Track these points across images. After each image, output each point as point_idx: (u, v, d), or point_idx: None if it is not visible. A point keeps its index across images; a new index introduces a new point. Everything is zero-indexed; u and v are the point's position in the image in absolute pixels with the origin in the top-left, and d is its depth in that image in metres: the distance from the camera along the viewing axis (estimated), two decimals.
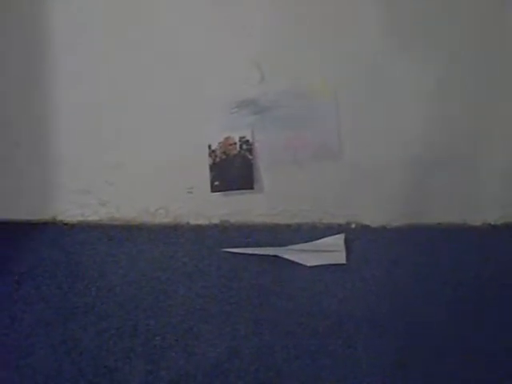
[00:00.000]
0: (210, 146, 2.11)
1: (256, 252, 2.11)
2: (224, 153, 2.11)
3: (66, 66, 2.04)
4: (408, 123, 2.08)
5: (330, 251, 2.11)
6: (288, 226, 2.24)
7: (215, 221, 2.26)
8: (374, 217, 2.23)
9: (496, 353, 1.77)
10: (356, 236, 2.19)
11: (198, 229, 2.25)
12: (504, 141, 2.12)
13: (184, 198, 2.21)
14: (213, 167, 2.13)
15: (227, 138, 2.10)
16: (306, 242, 2.16)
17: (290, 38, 1.98)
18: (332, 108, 2.06)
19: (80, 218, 2.27)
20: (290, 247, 2.14)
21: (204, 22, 1.96)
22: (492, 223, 2.24)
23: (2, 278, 2.04)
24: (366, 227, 2.24)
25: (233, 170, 2.13)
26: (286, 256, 2.09)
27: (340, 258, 2.09)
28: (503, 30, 1.97)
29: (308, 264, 2.07)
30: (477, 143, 2.12)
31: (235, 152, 2.11)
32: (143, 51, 2.01)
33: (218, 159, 2.12)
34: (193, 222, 2.26)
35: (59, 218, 2.27)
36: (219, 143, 2.11)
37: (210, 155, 2.12)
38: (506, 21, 1.96)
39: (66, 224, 2.26)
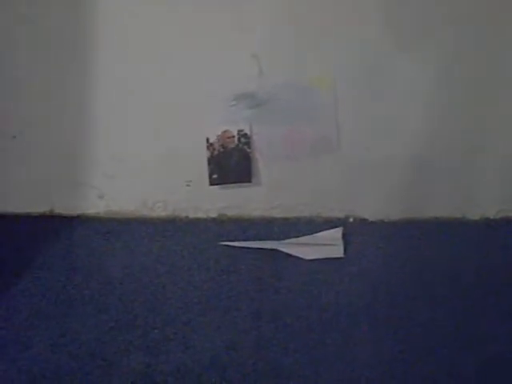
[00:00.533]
0: (208, 140, 2.11)
1: (254, 245, 2.12)
2: (222, 146, 2.11)
3: (66, 62, 2.04)
4: (407, 118, 2.08)
5: (328, 245, 2.11)
6: (286, 219, 2.24)
7: (213, 214, 2.26)
8: (372, 211, 2.23)
9: (494, 346, 1.78)
10: (354, 230, 2.20)
11: (196, 222, 2.25)
12: (502, 137, 2.12)
13: (182, 191, 2.21)
14: (211, 160, 2.13)
15: (225, 132, 2.10)
16: (304, 235, 2.16)
17: (288, 33, 1.97)
18: (331, 102, 2.06)
19: (78, 211, 2.27)
20: (288, 241, 2.14)
21: (203, 16, 1.95)
22: (490, 217, 2.24)
23: (0, 270, 2.04)
24: (363, 221, 2.24)
25: (231, 163, 2.13)
26: (284, 249, 2.09)
27: (338, 251, 2.09)
28: (503, 30, 1.97)
29: (306, 257, 2.07)
30: (475, 139, 2.13)
31: (233, 145, 2.11)
32: (142, 46, 2.00)
33: (216, 152, 2.12)
34: (191, 215, 2.26)
35: (57, 210, 2.27)
36: (217, 136, 2.10)
37: (208, 148, 2.12)
38: (505, 21, 1.96)
39: (64, 217, 2.26)
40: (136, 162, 2.17)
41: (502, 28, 1.95)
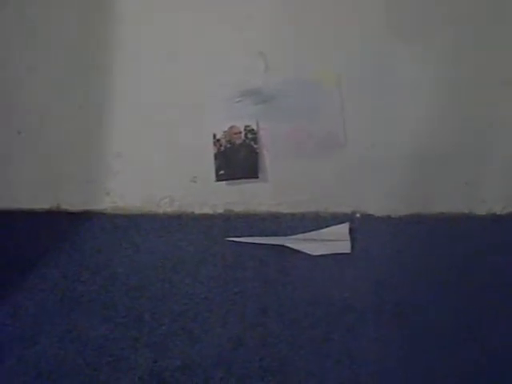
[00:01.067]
0: (214, 135, 2.11)
1: (261, 241, 2.11)
2: (229, 142, 2.11)
3: (70, 59, 2.04)
4: (412, 113, 2.08)
5: (335, 240, 2.11)
6: (293, 215, 2.24)
7: (220, 210, 2.26)
8: (378, 206, 2.23)
9: (502, 343, 1.77)
10: (361, 225, 2.19)
11: (203, 218, 2.25)
12: (507, 133, 2.12)
13: (188, 187, 2.21)
14: (217, 156, 2.13)
15: (232, 127, 2.09)
16: (311, 231, 2.16)
17: (294, 29, 1.97)
18: (337, 98, 2.06)
19: (84, 207, 2.27)
20: (294, 236, 2.14)
21: (210, 12, 1.95)
22: (497, 213, 2.24)
23: (6, 266, 2.04)
24: (370, 216, 2.24)
25: (237, 158, 2.13)
26: (290, 245, 2.09)
27: (345, 247, 2.09)
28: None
29: (313, 253, 2.07)
30: (481, 134, 2.12)
31: (240, 141, 2.10)
32: (147, 40, 2.00)
33: (222, 148, 2.12)
34: (197, 211, 2.26)
35: (63, 206, 2.28)
36: (224, 132, 2.10)
37: (214, 144, 2.12)
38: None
39: (70, 213, 2.27)
40: (142, 157, 2.17)
41: (502, 27, 1.95)
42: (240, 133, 2.10)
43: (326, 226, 2.17)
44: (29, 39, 2.01)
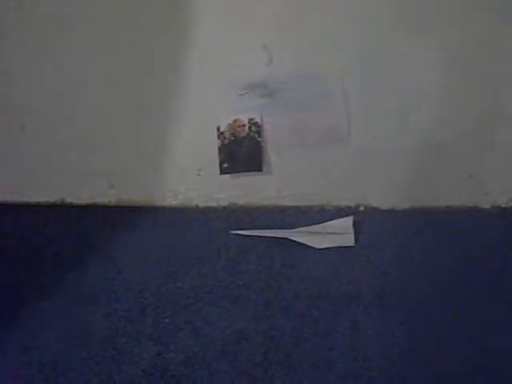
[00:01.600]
0: (218, 128, 2.11)
1: (265, 234, 2.12)
2: (233, 135, 2.10)
3: (71, 52, 2.04)
4: (417, 107, 2.07)
5: (339, 233, 2.11)
6: (297, 208, 2.24)
7: (224, 203, 2.26)
8: (382, 199, 2.23)
9: (506, 337, 1.77)
10: (365, 218, 2.19)
11: (207, 211, 2.25)
12: None
13: (192, 180, 2.21)
14: (221, 149, 2.13)
15: (236, 120, 2.09)
16: (315, 224, 2.16)
17: (299, 22, 1.96)
18: (340, 92, 2.05)
19: (88, 201, 2.27)
20: (298, 229, 2.14)
21: (214, 5, 1.94)
22: (502, 206, 2.23)
23: (10, 260, 2.05)
24: (374, 210, 2.24)
25: (242, 152, 2.12)
26: (294, 238, 2.09)
27: (349, 240, 2.09)
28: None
29: (317, 246, 2.07)
30: (486, 126, 2.11)
31: (244, 134, 2.10)
32: (148, 33, 2.00)
33: (226, 141, 2.12)
34: (201, 204, 2.26)
35: (68, 200, 2.28)
36: (228, 125, 2.10)
37: (218, 137, 2.11)
38: None
39: (74, 206, 2.27)
40: (145, 151, 2.17)
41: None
42: (244, 126, 2.09)
43: (330, 219, 2.17)
44: (27, 29, 2.00)
